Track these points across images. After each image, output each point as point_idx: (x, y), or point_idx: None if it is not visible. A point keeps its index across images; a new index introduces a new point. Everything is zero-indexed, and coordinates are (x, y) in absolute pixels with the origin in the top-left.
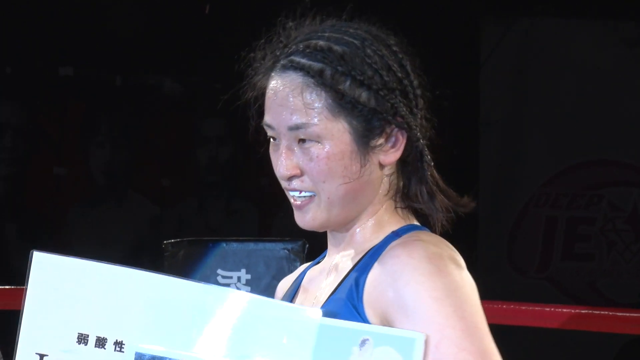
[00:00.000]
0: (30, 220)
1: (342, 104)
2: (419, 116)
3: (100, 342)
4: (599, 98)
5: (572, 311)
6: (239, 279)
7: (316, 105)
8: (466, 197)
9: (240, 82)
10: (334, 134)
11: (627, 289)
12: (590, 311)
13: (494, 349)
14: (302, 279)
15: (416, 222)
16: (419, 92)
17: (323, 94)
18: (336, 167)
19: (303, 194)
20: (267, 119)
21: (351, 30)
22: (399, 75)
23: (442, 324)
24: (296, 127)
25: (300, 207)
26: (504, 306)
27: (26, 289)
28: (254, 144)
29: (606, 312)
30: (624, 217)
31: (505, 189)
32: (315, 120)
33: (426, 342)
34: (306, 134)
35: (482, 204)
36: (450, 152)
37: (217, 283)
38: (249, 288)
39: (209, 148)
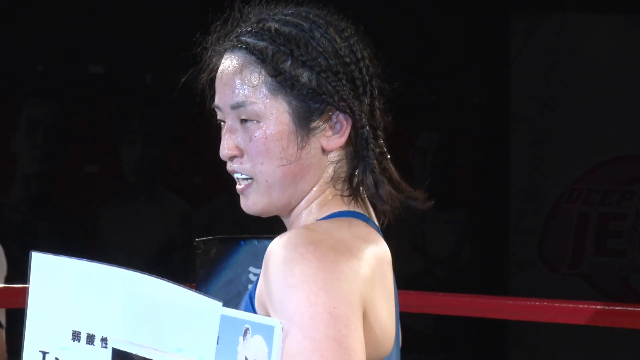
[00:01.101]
0: (61, 217)
1: (282, 82)
2: (367, 103)
3: (90, 339)
4: (632, 93)
5: (605, 308)
6: None
7: (255, 83)
8: (419, 191)
9: None
10: (273, 113)
11: None
12: (622, 307)
13: (349, 337)
14: None
15: (358, 210)
16: (369, 79)
17: (263, 72)
18: (274, 148)
19: (243, 176)
20: (215, 100)
21: (303, 14)
22: (346, 60)
23: (291, 310)
24: (237, 106)
25: (241, 192)
26: (537, 303)
27: (28, 288)
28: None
29: (639, 309)
30: None
31: (537, 184)
32: (254, 98)
33: (283, 330)
34: (246, 112)
35: (514, 200)
36: (480, 148)
37: (249, 281)
38: None
39: None
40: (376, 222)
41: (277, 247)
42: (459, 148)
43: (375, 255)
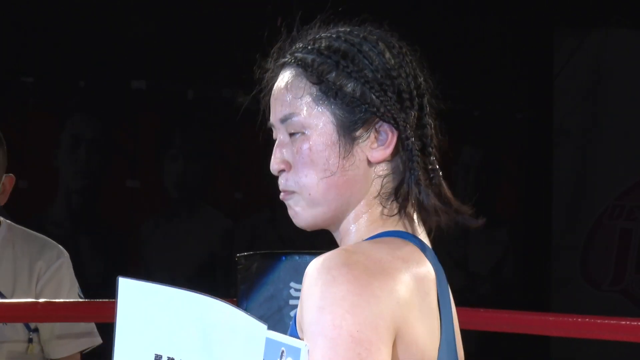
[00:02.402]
0: (103, 232)
1: (325, 92)
2: (414, 116)
3: None
4: None
5: None
6: None
7: (300, 94)
8: (468, 207)
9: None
10: (318, 124)
11: None
12: None
13: None
14: None
15: (401, 228)
16: (417, 94)
17: (309, 83)
18: (318, 159)
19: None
20: (269, 118)
21: (356, 31)
22: (393, 74)
23: (316, 332)
24: (285, 119)
25: (284, 199)
26: (579, 319)
27: (116, 313)
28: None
29: None
30: None
31: (579, 201)
32: (300, 110)
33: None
34: (293, 125)
35: (556, 215)
36: (523, 164)
37: (290, 296)
38: None
39: None
40: (424, 239)
41: (312, 269)
42: (501, 164)
43: (414, 275)
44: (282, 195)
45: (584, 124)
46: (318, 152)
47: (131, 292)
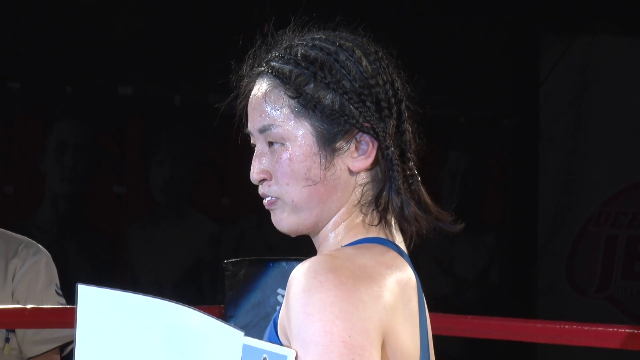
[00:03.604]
0: (90, 238)
1: (304, 104)
2: (393, 124)
3: None
4: None
5: (634, 331)
6: None
7: (279, 107)
8: (448, 213)
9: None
10: (297, 135)
11: None
12: None
13: None
14: None
15: (381, 235)
16: (395, 101)
17: (287, 95)
18: (299, 169)
19: (272, 198)
20: (247, 125)
21: (331, 38)
22: (371, 82)
23: (307, 339)
24: (264, 129)
25: (268, 206)
26: (565, 326)
27: (76, 320)
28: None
29: None
30: None
31: (565, 207)
32: (279, 121)
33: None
34: (272, 135)
35: (542, 221)
36: (509, 170)
37: (278, 302)
38: None
39: None
40: (402, 247)
41: (298, 274)
42: (488, 170)
43: (397, 280)
44: (266, 203)
45: (570, 129)
46: (299, 163)
47: (92, 299)
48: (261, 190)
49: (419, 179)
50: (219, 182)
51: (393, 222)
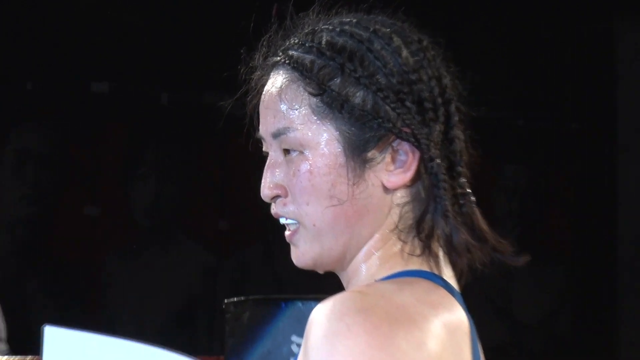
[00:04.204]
0: (56, 272)
1: (329, 103)
2: (439, 130)
3: None
4: None
5: None
6: None
7: (297, 106)
8: (508, 242)
9: None
10: (320, 142)
11: None
12: None
13: None
14: None
15: (425, 268)
16: (442, 102)
17: (307, 92)
18: (321, 184)
19: (289, 220)
20: (259, 128)
21: (363, 23)
22: (413, 77)
23: None
24: (278, 133)
25: (290, 240)
26: None
27: None
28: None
29: None
30: None
31: None
32: (297, 124)
33: None
34: (288, 141)
35: (622, 251)
36: (580, 186)
37: (292, 353)
38: None
39: None
40: (453, 282)
41: (319, 315)
42: (553, 186)
43: (445, 324)
44: (288, 235)
45: None
46: (321, 177)
47: (61, 344)
48: (274, 209)
49: (472, 198)
50: (217, 202)
51: (441, 254)
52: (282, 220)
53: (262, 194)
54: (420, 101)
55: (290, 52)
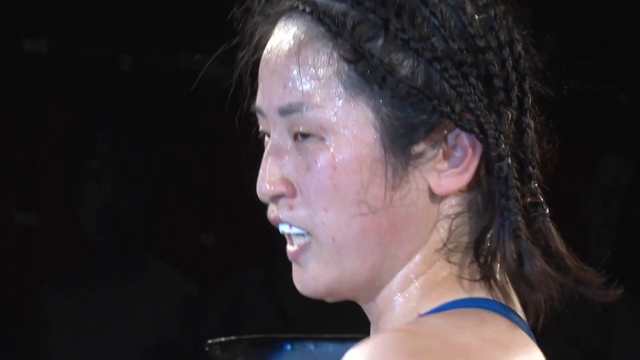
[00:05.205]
0: None
1: (366, 74)
2: (510, 118)
3: None
4: None
5: None
6: None
7: (320, 73)
8: (595, 271)
9: None
10: (348, 126)
11: None
12: None
13: None
14: None
15: (489, 296)
16: (517, 78)
17: (336, 55)
18: (347, 185)
19: (294, 230)
20: (257, 98)
21: None
22: (480, 44)
23: None
24: (289, 110)
25: (295, 258)
26: None
27: None
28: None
29: None
30: None
31: None
32: (317, 99)
33: None
34: (304, 122)
35: None
36: None
37: None
38: None
39: None
40: (523, 316)
41: (358, 356)
42: None
43: None
44: (292, 253)
45: None
46: (347, 174)
47: None
48: (274, 212)
49: (547, 211)
50: (199, 209)
51: (505, 278)
52: (284, 229)
53: (258, 191)
54: (488, 77)
55: None
